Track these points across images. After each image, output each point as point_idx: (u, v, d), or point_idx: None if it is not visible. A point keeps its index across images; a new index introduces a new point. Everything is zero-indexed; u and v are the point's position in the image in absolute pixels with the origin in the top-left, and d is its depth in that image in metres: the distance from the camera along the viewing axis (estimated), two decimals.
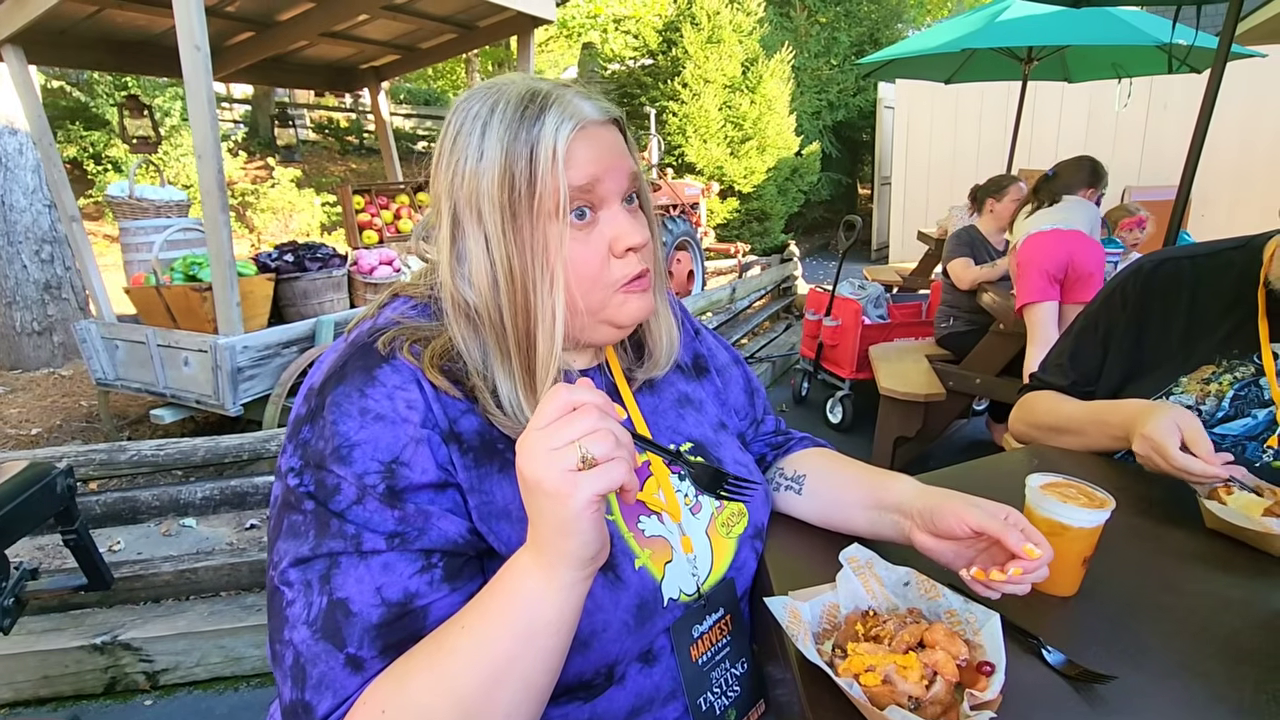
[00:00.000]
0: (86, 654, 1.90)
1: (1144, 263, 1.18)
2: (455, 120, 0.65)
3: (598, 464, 0.48)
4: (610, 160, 0.65)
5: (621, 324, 0.70)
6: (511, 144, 0.61)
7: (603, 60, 10.19)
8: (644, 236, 0.67)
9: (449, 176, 0.64)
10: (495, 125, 0.62)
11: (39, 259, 4.58)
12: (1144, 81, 6.27)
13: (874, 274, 5.96)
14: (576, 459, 0.48)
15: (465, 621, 0.53)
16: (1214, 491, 0.86)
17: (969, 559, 0.69)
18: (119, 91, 7.53)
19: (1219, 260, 1.12)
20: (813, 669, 0.58)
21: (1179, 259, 1.15)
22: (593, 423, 0.49)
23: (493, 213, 0.62)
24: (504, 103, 0.63)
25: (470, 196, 0.63)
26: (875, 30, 11.58)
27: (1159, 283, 1.14)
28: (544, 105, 0.62)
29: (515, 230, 0.62)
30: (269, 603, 0.59)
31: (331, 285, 3.46)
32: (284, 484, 0.60)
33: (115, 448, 2.34)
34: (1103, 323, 1.20)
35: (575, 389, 0.50)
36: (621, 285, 0.68)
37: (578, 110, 0.63)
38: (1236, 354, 1.06)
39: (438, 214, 0.66)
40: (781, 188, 9.79)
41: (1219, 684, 0.59)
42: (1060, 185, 2.91)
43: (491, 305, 0.64)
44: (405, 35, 4.42)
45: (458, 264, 0.65)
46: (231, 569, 2.14)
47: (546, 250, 0.63)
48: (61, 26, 3.52)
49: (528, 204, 0.62)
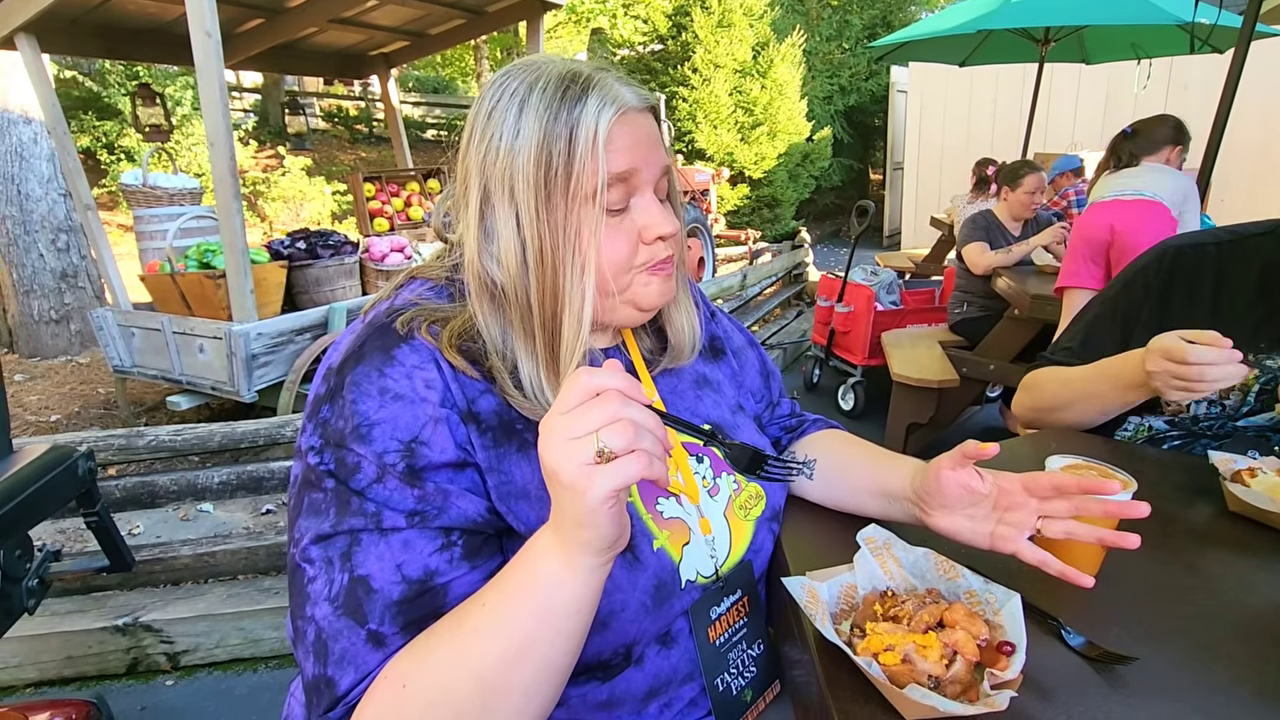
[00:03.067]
0: (109, 635, 1.94)
1: (1166, 247, 1.14)
2: (491, 96, 0.64)
3: (616, 457, 0.46)
4: (647, 151, 0.65)
5: (643, 307, 0.70)
6: (551, 124, 0.61)
7: (612, 46, 10.11)
8: (674, 226, 0.67)
9: (481, 151, 0.63)
10: (534, 103, 0.61)
11: (55, 248, 4.63)
12: (1163, 62, 6.15)
13: (886, 260, 5.91)
14: (593, 452, 0.46)
15: (486, 599, 0.54)
16: (1237, 474, 0.85)
17: (987, 533, 0.68)
18: (131, 81, 7.56)
19: (1245, 247, 1.08)
20: (831, 649, 0.58)
21: (1203, 244, 1.11)
22: (614, 411, 0.46)
23: (526, 191, 0.61)
24: (544, 81, 0.62)
25: (503, 173, 0.62)
26: (888, 13, 11.42)
27: (1182, 268, 1.11)
28: (586, 87, 0.62)
29: (549, 210, 0.62)
30: (290, 580, 0.59)
31: (344, 272, 3.48)
32: (304, 462, 0.60)
33: (133, 433, 2.38)
34: (1121, 308, 1.15)
35: (599, 372, 0.48)
36: (647, 267, 0.68)
37: (619, 95, 0.63)
38: (1264, 347, 1.03)
39: (465, 190, 0.66)
40: (792, 174, 9.71)
41: (1242, 666, 0.59)
42: (1139, 145, 2.56)
43: (519, 284, 0.63)
44: (414, 21, 4.40)
45: (485, 240, 0.65)
46: (249, 552, 2.17)
47: (579, 234, 0.62)
48: (73, 14, 3.53)
49: (563, 185, 0.61)
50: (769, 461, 0.63)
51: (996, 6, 4.38)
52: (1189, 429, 1.09)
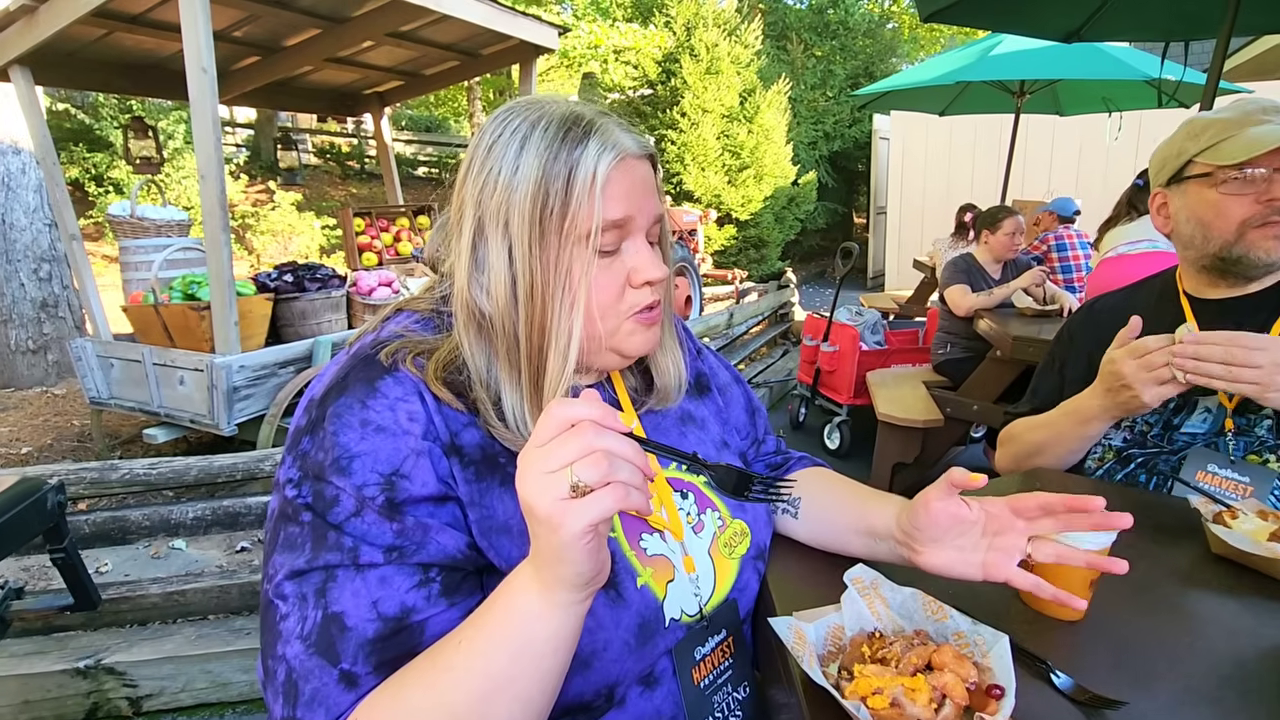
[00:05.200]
0: (69, 678, 1.86)
1: (1088, 303, 1.34)
2: (493, 130, 0.65)
3: (591, 490, 0.46)
4: (642, 198, 0.66)
5: (627, 354, 0.70)
6: (550, 163, 0.61)
7: (603, 90, 10.36)
8: (662, 272, 0.68)
9: (479, 183, 0.64)
10: (535, 141, 0.62)
11: (37, 277, 4.58)
12: (1133, 116, 6.39)
13: (870, 301, 5.99)
14: (568, 486, 0.45)
15: (462, 636, 0.52)
16: (1219, 515, 0.86)
17: (978, 563, 0.67)
18: (124, 115, 7.61)
19: (1145, 287, 1.27)
20: (819, 692, 0.56)
21: (1114, 294, 1.31)
22: (588, 443, 0.46)
23: (521, 226, 0.62)
24: (546, 121, 0.63)
25: (499, 207, 0.63)
26: (870, 64, 11.84)
27: (1101, 314, 1.26)
28: (588, 131, 0.63)
29: (543, 247, 0.62)
30: (262, 618, 0.57)
31: (330, 306, 3.47)
32: (281, 495, 0.59)
33: (107, 466, 2.32)
34: (1057, 357, 1.32)
35: (574, 403, 0.47)
36: (632, 314, 0.68)
37: (619, 141, 0.64)
38: None
39: (459, 220, 0.66)
40: (778, 216, 9.90)
41: (1230, 711, 0.58)
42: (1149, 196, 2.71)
43: (507, 317, 0.64)
44: (409, 61, 4.49)
45: (476, 271, 0.65)
46: (221, 591, 2.10)
47: (570, 273, 0.63)
48: (70, 48, 3.57)
49: (558, 224, 0.62)
50: (755, 483, 0.62)
51: (974, 60, 4.56)
52: (1142, 438, 1.16)
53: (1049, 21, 3.29)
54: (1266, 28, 3.33)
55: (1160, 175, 1.18)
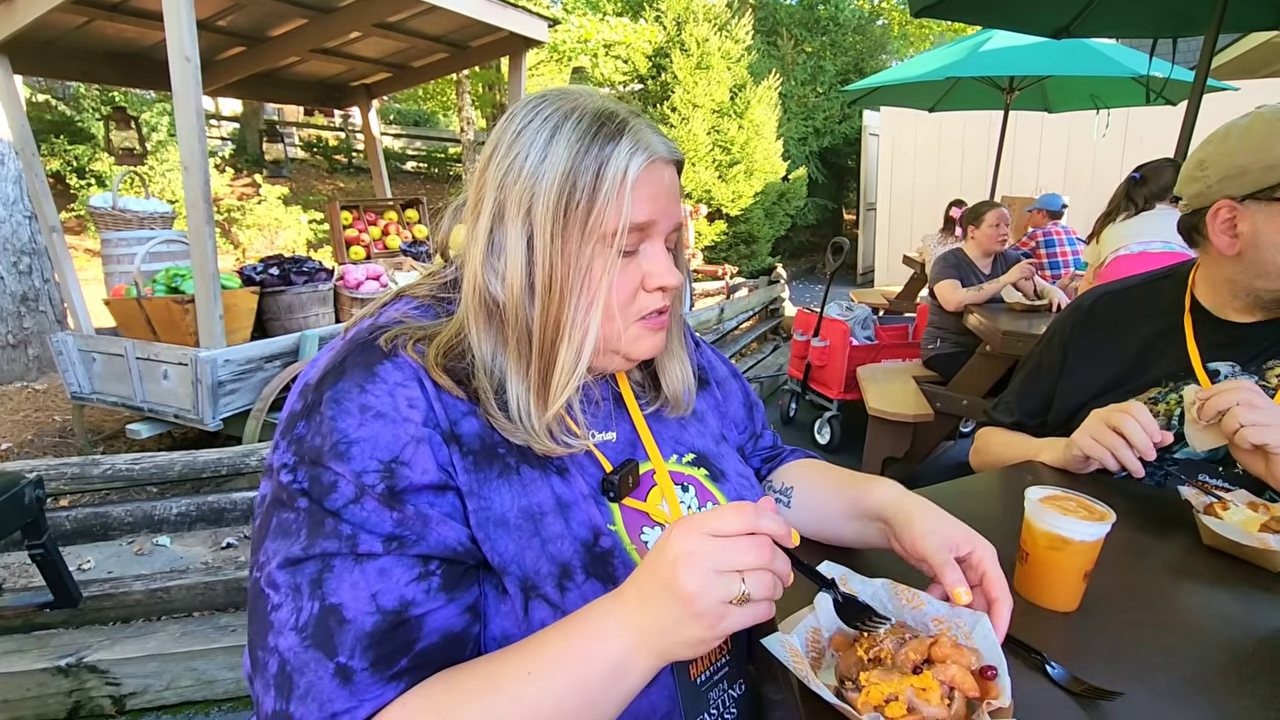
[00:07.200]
0: (50, 677, 1.83)
1: (1082, 299, 1.23)
2: (522, 116, 0.64)
3: (751, 601, 0.48)
4: (667, 203, 0.66)
5: (632, 357, 0.70)
6: (580, 156, 0.61)
7: (593, 84, 10.32)
8: (678, 279, 0.68)
9: (503, 168, 0.63)
10: (566, 132, 0.61)
11: (16, 270, 4.50)
12: (1120, 113, 6.44)
13: (861, 296, 6.01)
14: (737, 592, 0.48)
15: (531, 668, 0.51)
16: (1210, 507, 0.86)
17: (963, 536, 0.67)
18: (105, 106, 7.49)
19: (1152, 289, 1.17)
20: (812, 692, 0.56)
21: (1115, 292, 1.20)
22: (765, 559, 0.49)
23: (544, 216, 0.61)
24: (579, 113, 0.62)
25: (523, 193, 0.61)
26: (860, 60, 11.86)
27: (1099, 315, 1.19)
28: (621, 129, 0.62)
29: (564, 240, 0.61)
30: (251, 607, 0.56)
31: (317, 299, 3.43)
32: (275, 481, 0.58)
33: (88, 461, 2.28)
34: (1046, 361, 1.23)
35: (763, 513, 0.50)
36: (640, 317, 0.68)
37: (651, 143, 0.63)
38: (1182, 374, 1.08)
39: (478, 203, 0.65)
40: (769, 211, 9.91)
41: (1226, 701, 0.58)
42: (1151, 190, 2.47)
43: (521, 306, 0.63)
44: (397, 53, 4.45)
45: (491, 255, 0.64)
46: (206, 588, 2.08)
47: (591, 270, 0.62)
48: (49, 36, 3.50)
49: (582, 218, 0.61)
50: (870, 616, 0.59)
51: (964, 56, 4.57)
52: None
53: (1038, 17, 3.30)
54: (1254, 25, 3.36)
55: (1232, 185, 0.97)
